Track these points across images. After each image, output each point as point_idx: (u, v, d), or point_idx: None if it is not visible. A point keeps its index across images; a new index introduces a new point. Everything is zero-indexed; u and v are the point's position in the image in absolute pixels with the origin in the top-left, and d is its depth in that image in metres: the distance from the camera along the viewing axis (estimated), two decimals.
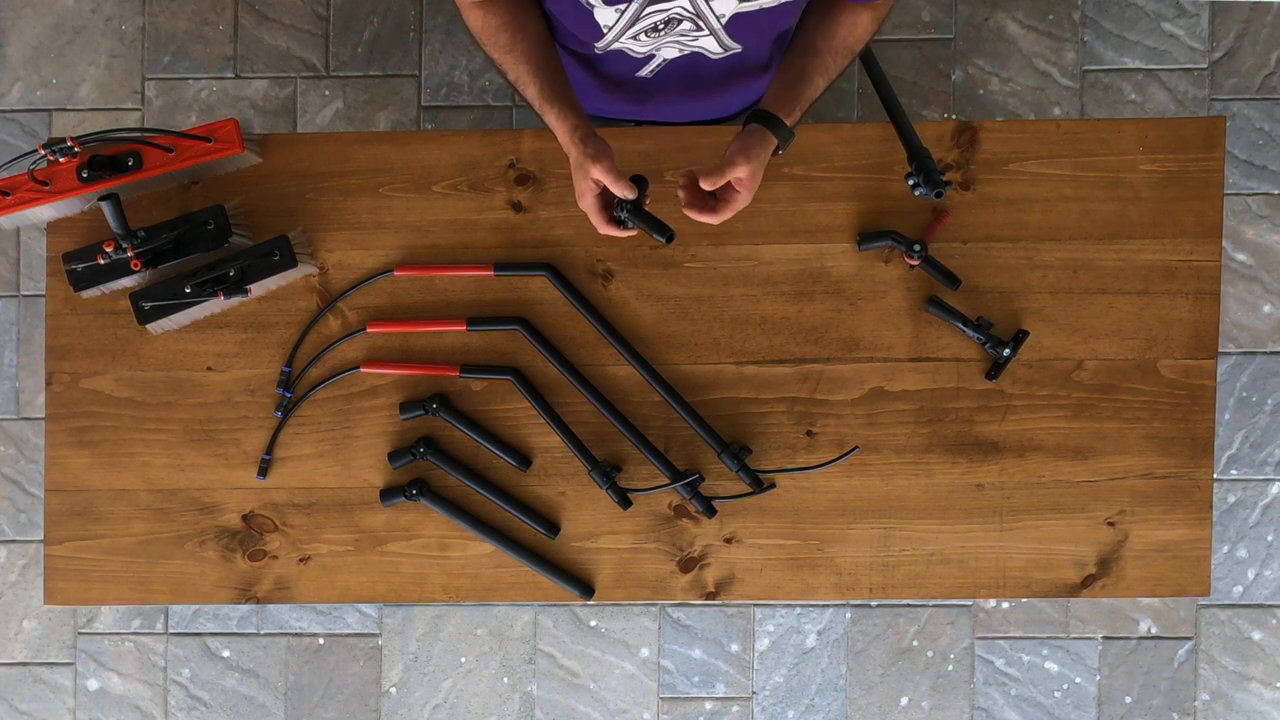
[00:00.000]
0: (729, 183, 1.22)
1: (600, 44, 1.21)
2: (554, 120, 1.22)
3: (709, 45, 1.22)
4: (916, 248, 1.38)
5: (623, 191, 1.19)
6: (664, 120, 1.48)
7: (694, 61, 1.27)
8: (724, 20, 1.15)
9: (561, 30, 1.28)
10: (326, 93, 2.26)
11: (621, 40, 1.20)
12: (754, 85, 1.40)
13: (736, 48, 1.23)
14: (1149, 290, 1.42)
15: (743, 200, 1.24)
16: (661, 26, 1.16)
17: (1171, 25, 2.21)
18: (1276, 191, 2.20)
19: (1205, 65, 2.21)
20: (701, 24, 1.15)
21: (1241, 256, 2.19)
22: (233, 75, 2.27)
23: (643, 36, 1.19)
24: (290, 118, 2.27)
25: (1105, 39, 2.22)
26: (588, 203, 1.23)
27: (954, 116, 2.23)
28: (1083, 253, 1.42)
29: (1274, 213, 2.19)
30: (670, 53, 1.25)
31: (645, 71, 1.31)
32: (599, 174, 1.19)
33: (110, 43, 2.27)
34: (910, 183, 1.25)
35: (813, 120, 2.22)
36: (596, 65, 1.33)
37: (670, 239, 1.19)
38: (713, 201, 1.23)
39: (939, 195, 1.23)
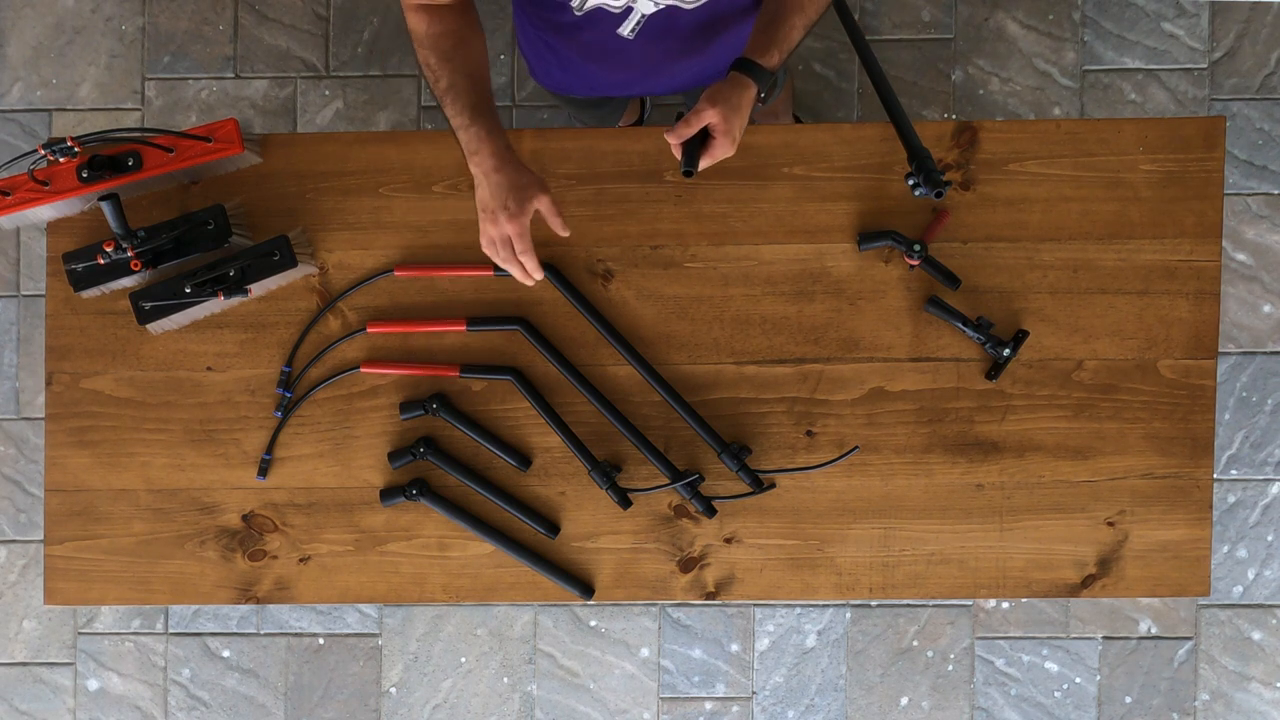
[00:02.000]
0: (709, 133, 1.21)
1: (576, 2, 1.21)
2: (483, 134, 1.20)
3: None
4: (916, 248, 1.38)
5: (562, 229, 1.24)
6: (658, 91, 1.47)
7: (671, 15, 1.27)
8: None
9: None
10: (326, 93, 2.26)
11: None
12: (738, 40, 1.39)
13: None
14: (1149, 290, 1.42)
15: (722, 148, 1.22)
16: None
17: (1171, 25, 2.21)
18: (1276, 191, 2.20)
19: (1205, 65, 2.21)
20: None
21: (1241, 256, 2.19)
22: (233, 75, 2.27)
23: None
24: (290, 118, 2.27)
25: (1105, 39, 2.22)
26: (519, 226, 1.21)
27: (954, 116, 2.23)
28: (1083, 253, 1.42)
29: (1274, 213, 2.19)
30: (647, 6, 1.24)
31: (626, 30, 1.30)
32: (546, 205, 1.22)
33: (110, 43, 2.27)
34: (910, 183, 1.25)
35: (813, 120, 2.22)
36: (579, 34, 1.33)
37: (688, 174, 1.22)
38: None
39: (939, 195, 1.23)
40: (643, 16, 1.27)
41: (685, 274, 1.44)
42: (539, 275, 1.26)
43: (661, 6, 1.25)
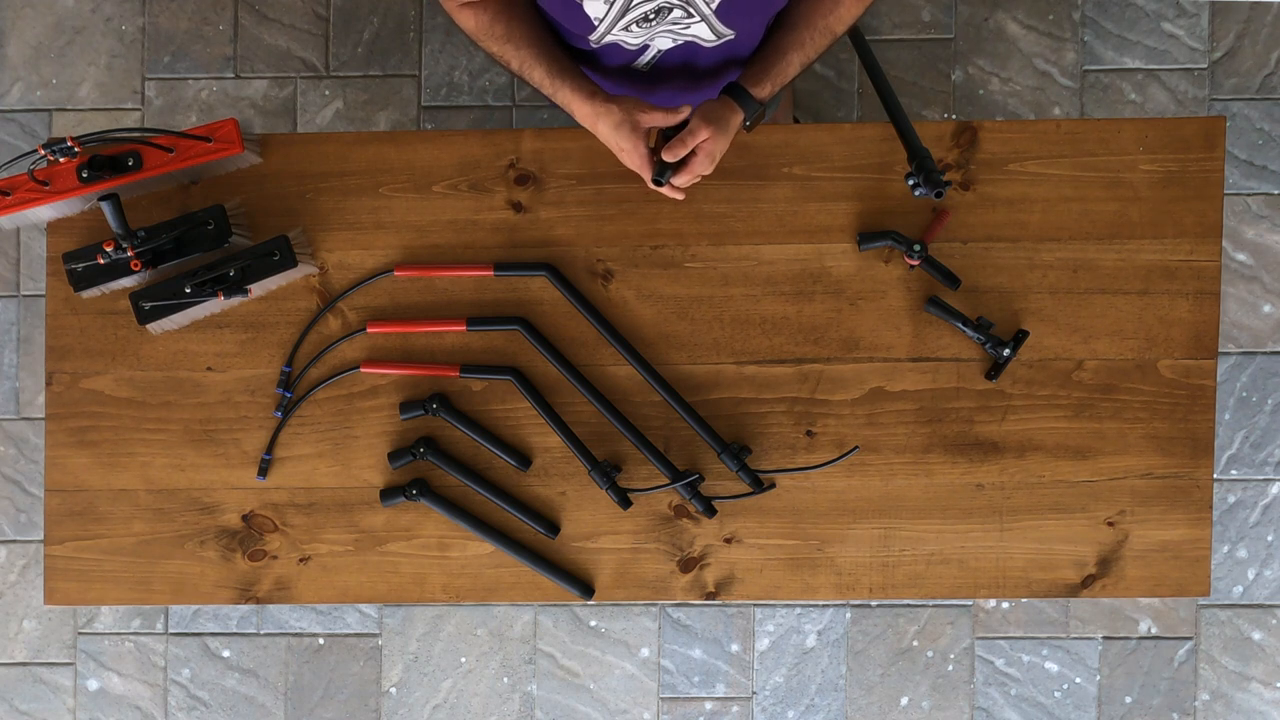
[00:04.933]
0: (693, 155, 1.24)
1: (593, 37, 1.22)
2: (569, 95, 1.23)
3: (701, 33, 1.22)
4: (916, 248, 1.38)
5: (675, 118, 1.24)
6: None
7: (689, 51, 1.27)
8: (714, 5, 1.15)
9: (556, 26, 1.28)
10: (326, 93, 2.26)
11: (614, 33, 1.20)
12: None
13: (730, 34, 1.23)
14: (1149, 290, 1.42)
15: (701, 166, 1.25)
16: (652, 16, 1.16)
17: (1171, 25, 2.21)
18: (1276, 191, 2.20)
19: (1205, 65, 2.21)
20: (691, 10, 1.15)
21: (1241, 256, 2.19)
22: (233, 75, 2.27)
23: (634, 28, 1.18)
24: (290, 118, 2.27)
25: (1105, 39, 2.22)
26: (640, 157, 1.25)
27: (954, 116, 2.23)
28: (1083, 253, 1.42)
29: (1274, 213, 2.19)
30: (664, 43, 1.25)
31: (641, 63, 1.31)
32: (650, 119, 1.23)
33: (110, 43, 2.27)
34: (910, 183, 1.25)
35: (813, 120, 2.22)
36: (594, 61, 1.33)
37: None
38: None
39: (939, 195, 1.23)
40: (659, 52, 1.27)
41: (685, 274, 1.44)
42: (679, 195, 1.31)
43: (680, 43, 1.25)
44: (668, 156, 1.22)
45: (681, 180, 1.27)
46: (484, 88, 2.26)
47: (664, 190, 1.29)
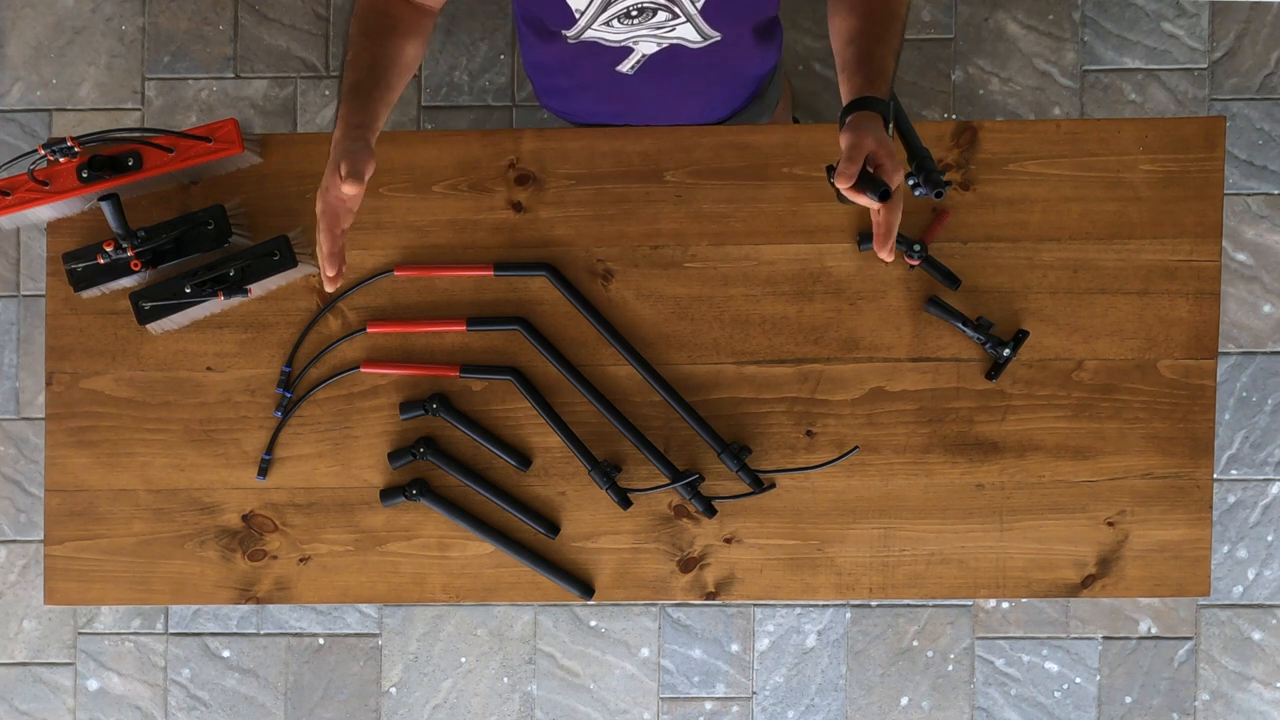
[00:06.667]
0: (877, 164, 1.06)
1: (572, 32, 1.20)
2: (343, 114, 1.11)
3: (687, 34, 1.21)
4: (916, 248, 1.38)
5: (351, 191, 1.05)
6: (658, 123, 1.48)
7: (674, 54, 1.26)
8: (699, 5, 1.14)
9: (534, 21, 1.26)
10: (326, 93, 2.26)
11: (594, 27, 1.18)
12: (738, 83, 1.39)
13: (716, 35, 1.22)
14: (1149, 290, 1.42)
15: (892, 171, 1.06)
16: (635, 14, 1.15)
17: (1171, 25, 2.21)
18: (1276, 191, 2.20)
19: (1205, 65, 2.21)
20: (677, 10, 1.14)
21: (1241, 256, 2.19)
22: (233, 75, 2.27)
23: (616, 23, 1.17)
24: (290, 118, 2.27)
25: (1105, 39, 2.22)
26: (353, 188, 1.05)
27: (954, 116, 2.23)
28: (1083, 253, 1.42)
29: (1274, 213, 2.19)
30: (648, 47, 1.24)
31: (625, 68, 1.30)
32: (333, 183, 1.07)
33: (110, 43, 2.27)
34: (910, 183, 1.25)
35: (813, 120, 2.22)
36: (575, 64, 1.33)
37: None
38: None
39: (939, 195, 1.23)
40: (643, 56, 1.26)
41: (685, 274, 1.44)
42: (332, 271, 1.09)
43: (665, 46, 1.24)
44: (843, 184, 1.04)
45: (894, 202, 1.09)
46: (484, 88, 2.26)
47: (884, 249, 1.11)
